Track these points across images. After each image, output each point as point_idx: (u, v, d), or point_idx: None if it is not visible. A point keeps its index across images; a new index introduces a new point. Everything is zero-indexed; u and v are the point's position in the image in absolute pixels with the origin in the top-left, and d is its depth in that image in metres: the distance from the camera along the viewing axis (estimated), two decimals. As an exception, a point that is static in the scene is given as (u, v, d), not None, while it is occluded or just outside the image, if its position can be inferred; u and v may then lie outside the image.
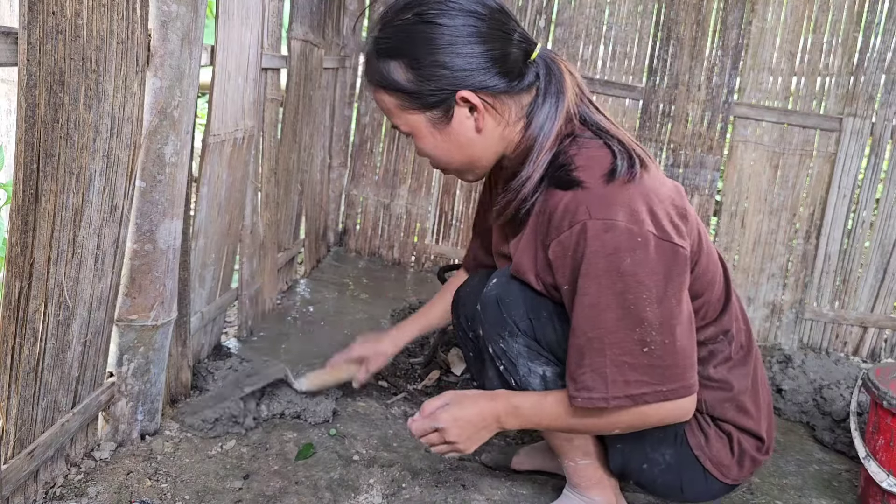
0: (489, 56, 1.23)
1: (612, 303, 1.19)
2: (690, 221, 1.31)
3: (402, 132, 1.33)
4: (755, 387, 1.45)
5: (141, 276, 1.47)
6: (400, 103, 1.27)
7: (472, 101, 1.25)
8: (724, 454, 1.41)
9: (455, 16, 1.22)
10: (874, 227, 2.93)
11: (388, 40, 1.26)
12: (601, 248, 1.17)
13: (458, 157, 1.33)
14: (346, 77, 3.22)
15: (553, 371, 1.37)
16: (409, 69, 1.24)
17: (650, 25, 2.99)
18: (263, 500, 1.47)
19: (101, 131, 1.25)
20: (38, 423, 1.25)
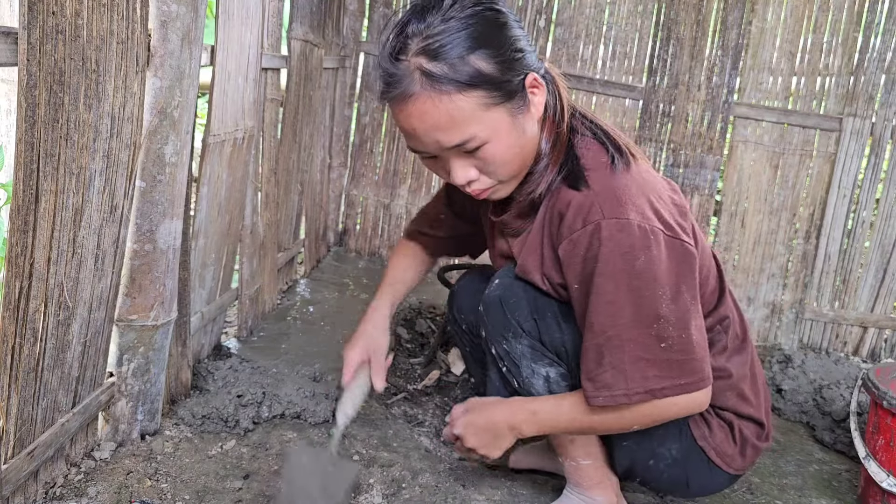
0: (526, 39, 1.23)
1: (629, 301, 1.19)
2: (689, 218, 1.32)
3: (467, 148, 1.18)
4: (752, 374, 1.47)
5: (141, 276, 1.47)
6: (485, 100, 1.15)
7: (539, 84, 1.22)
8: (727, 443, 1.42)
9: (500, 7, 1.21)
10: (874, 227, 2.93)
11: (464, 34, 1.14)
12: (616, 248, 1.18)
13: (524, 153, 1.25)
14: (346, 77, 3.22)
15: (557, 372, 1.37)
16: (491, 58, 1.15)
17: (650, 25, 2.99)
18: (263, 500, 1.47)
19: (101, 131, 1.25)
20: (38, 423, 1.25)
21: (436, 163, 1.26)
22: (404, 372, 2.22)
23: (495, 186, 1.27)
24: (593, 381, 1.25)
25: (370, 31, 3.22)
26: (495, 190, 1.28)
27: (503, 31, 1.17)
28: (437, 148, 1.19)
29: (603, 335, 1.22)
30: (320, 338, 2.37)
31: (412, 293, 2.93)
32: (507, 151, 1.21)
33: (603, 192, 1.21)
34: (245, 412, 1.73)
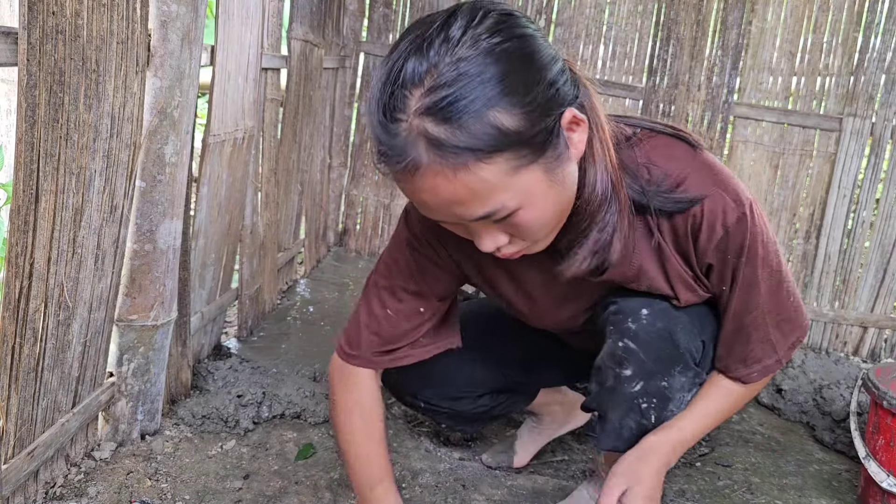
0: (554, 57, 0.95)
1: (765, 274, 1.18)
2: None
3: (496, 218, 0.93)
4: None
5: (141, 276, 1.47)
6: (513, 164, 0.89)
7: (580, 119, 0.97)
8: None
9: (527, 25, 0.93)
10: (874, 227, 2.93)
11: (475, 84, 0.85)
12: (755, 231, 1.14)
13: (562, 207, 1.00)
14: (346, 77, 3.22)
15: (696, 390, 1.31)
16: (518, 106, 0.87)
17: (650, 25, 2.99)
18: (263, 500, 1.47)
19: (101, 131, 1.25)
20: (38, 423, 1.25)
21: (457, 227, 1.01)
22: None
23: (529, 246, 1.03)
24: (744, 361, 1.25)
25: (370, 31, 3.22)
26: (529, 249, 1.04)
27: (532, 67, 0.89)
28: (457, 220, 0.95)
29: (749, 316, 1.21)
30: (320, 338, 2.37)
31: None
32: (545, 213, 0.96)
33: (716, 186, 1.12)
34: (245, 412, 1.73)
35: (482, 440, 1.89)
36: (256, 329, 2.34)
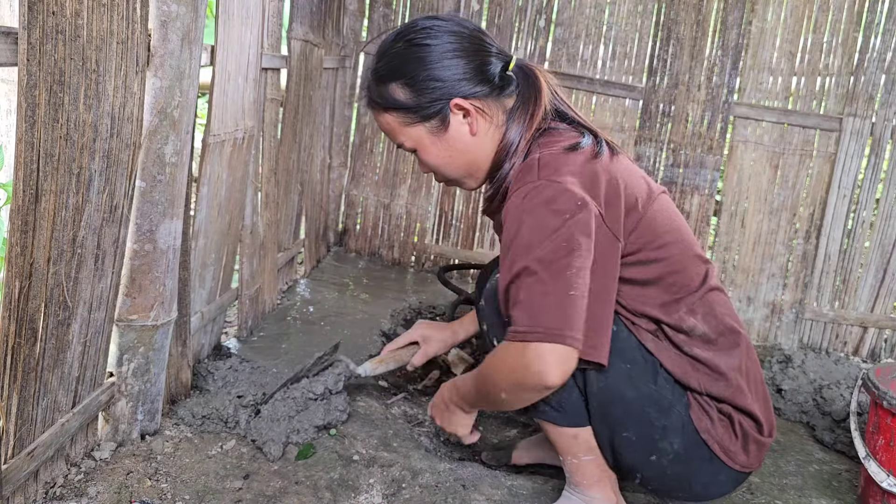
0: (472, 67, 1.40)
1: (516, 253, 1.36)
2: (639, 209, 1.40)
3: (406, 149, 1.48)
4: (747, 370, 1.46)
5: (141, 276, 1.47)
6: (402, 120, 1.43)
7: (465, 107, 1.41)
8: (728, 437, 1.42)
9: (439, 36, 1.40)
10: (874, 227, 2.93)
11: (385, 67, 1.43)
12: (520, 214, 1.33)
13: (459, 161, 1.47)
14: (346, 77, 3.22)
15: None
16: (406, 87, 1.41)
17: (650, 25, 2.99)
18: (263, 500, 1.47)
19: (101, 131, 1.25)
20: (38, 423, 1.25)
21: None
22: (404, 372, 2.22)
23: (454, 182, 1.53)
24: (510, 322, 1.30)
25: (370, 31, 3.22)
26: (460, 184, 1.53)
27: (419, 65, 1.39)
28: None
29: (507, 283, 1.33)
30: (320, 338, 2.37)
31: (413, 294, 2.94)
32: (437, 159, 1.46)
33: (530, 175, 1.35)
34: (245, 412, 1.73)
35: (481, 439, 1.90)
36: (256, 329, 2.34)
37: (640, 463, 1.44)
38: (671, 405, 1.40)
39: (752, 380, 1.46)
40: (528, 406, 1.41)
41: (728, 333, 1.44)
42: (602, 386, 1.38)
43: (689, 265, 1.44)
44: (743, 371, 1.45)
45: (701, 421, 1.41)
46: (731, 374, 1.42)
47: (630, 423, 1.39)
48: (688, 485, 1.46)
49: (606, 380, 1.38)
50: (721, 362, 1.42)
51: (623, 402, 1.38)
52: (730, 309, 1.49)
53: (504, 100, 1.45)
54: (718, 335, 1.43)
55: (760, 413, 1.45)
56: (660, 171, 3.05)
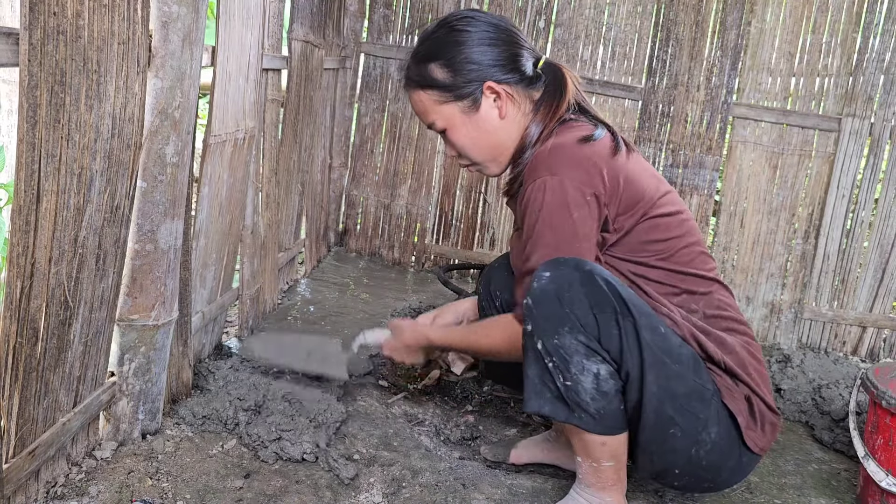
0: (506, 56, 1.53)
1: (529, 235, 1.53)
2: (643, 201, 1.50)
3: (436, 129, 1.59)
4: (752, 355, 1.52)
5: (142, 276, 1.47)
6: (437, 98, 1.55)
7: (497, 90, 1.52)
8: (751, 420, 1.47)
9: (478, 25, 1.53)
10: (873, 226, 2.94)
11: (425, 49, 1.56)
12: (535, 198, 1.48)
13: (485, 143, 1.57)
14: (347, 78, 3.23)
15: (607, 370, 1.37)
16: (444, 67, 1.53)
17: (649, 26, 3.00)
18: (264, 499, 1.48)
19: (103, 132, 1.25)
20: (40, 423, 1.26)
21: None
22: (404, 371, 2.22)
23: (479, 166, 1.62)
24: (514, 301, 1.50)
25: (370, 32, 3.23)
26: (481, 168, 1.63)
27: (458, 48, 1.52)
28: (427, 127, 1.62)
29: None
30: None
31: (413, 294, 2.94)
32: (465, 138, 1.57)
33: (541, 167, 1.45)
34: (245, 415, 1.73)
35: (481, 438, 1.90)
36: (257, 329, 2.35)
37: (681, 459, 1.44)
38: (712, 395, 1.44)
39: (761, 369, 1.54)
40: (563, 408, 1.39)
41: (732, 322, 1.54)
42: (654, 390, 1.37)
43: (696, 259, 1.54)
44: (752, 360, 1.52)
45: (733, 404, 1.45)
46: (743, 358, 1.50)
47: (679, 419, 1.40)
48: (717, 474, 1.48)
49: (660, 382, 1.37)
50: (734, 344, 1.50)
51: (674, 400, 1.39)
52: (735, 310, 1.57)
53: (532, 91, 1.56)
54: (716, 319, 1.53)
55: (768, 393, 1.51)
56: (659, 172, 3.05)
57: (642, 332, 1.36)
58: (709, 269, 1.55)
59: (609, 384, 1.37)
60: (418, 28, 3.16)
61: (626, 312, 1.35)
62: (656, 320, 1.41)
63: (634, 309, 1.36)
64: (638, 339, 1.36)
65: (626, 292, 1.38)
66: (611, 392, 1.38)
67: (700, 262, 1.54)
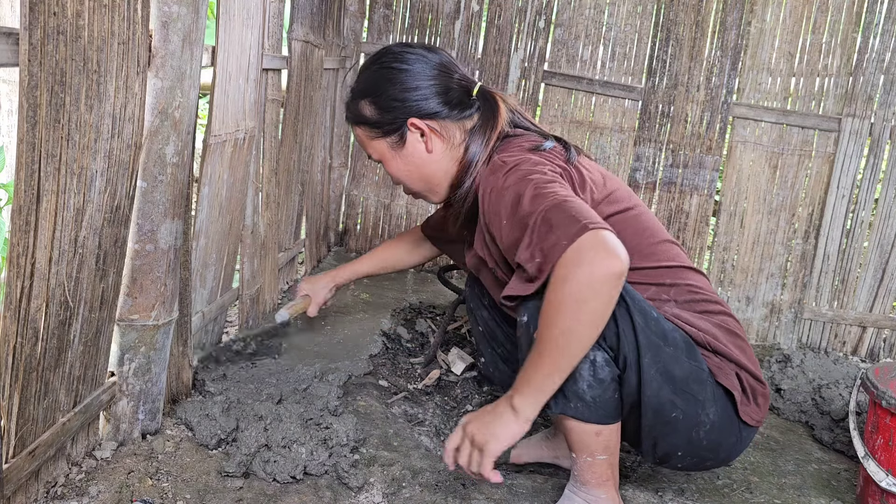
0: (433, 91, 1.57)
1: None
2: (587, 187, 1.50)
3: (374, 160, 1.67)
4: (731, 332, 1.54)
5: (142, 276, 1.47)
6: (368, 133, 1.62)
7: (420, 126, 1.57)
8: (744, 396, 1.50)
9: (408, 62, 1.58)
10: (873, 226, 2.94)
11: (358, 86, 1.64)
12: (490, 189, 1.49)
13: (417, 175, 1.63)
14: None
15: (603, 357, 1.37)
16: (371, 105, 1.60)
17: (649, 26, 3.00)
18: (264, 499, 1.48)
19: (103, 132, 1.25)
20: (40, 423, 1.26)
21: None
22: (404, 371, 2.22)
23: (419, 194, 1.68)
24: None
25: (370, 32, 3.23)
26: (423, 197, 1.69)
27: (385, 86, 1.58)
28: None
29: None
30: (321, 337, 2.37)
31: (413, 294, 2.94)
32: (397, 171, 1.64)
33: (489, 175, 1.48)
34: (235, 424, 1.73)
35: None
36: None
37: (683, 440, 1.47)
38: (707, 376, 1.46)
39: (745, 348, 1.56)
40: (558, 398, 1.35)
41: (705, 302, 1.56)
42: (653, 373, 1.38)
43: (658, 250, 1.55)
44: (734, 338, 1.54)
45: (727, 378, 1.48)
46: (725, 338, 1.52)
47: (679, 402, 1.42)
48: (717, 452, 1.52)
49: (657, 366, 1.38)
50: (710, 327, 1.52)
51: (673, 383, 1.41)
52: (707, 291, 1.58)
53: (465, 121, 1.60)
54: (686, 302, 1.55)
55: (753, 366, 1.53)
56: (659, 172, 3.06)
57: (635, 316, 1.36)
58: (672, 258, 1.55)
59: (605, 371, 1.37)
60: (418, 28, 3.16)
61: (619, 298, 1.31)
62: (647, 305, 1.42)
63: (626, 294, 1.36)
64: (632, 323, 1.35)
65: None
66: (607, 379, 1.38)
67: (662, 252, 1.55)
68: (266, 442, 1.58)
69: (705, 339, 1.48)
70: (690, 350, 1.45)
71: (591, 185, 1.52)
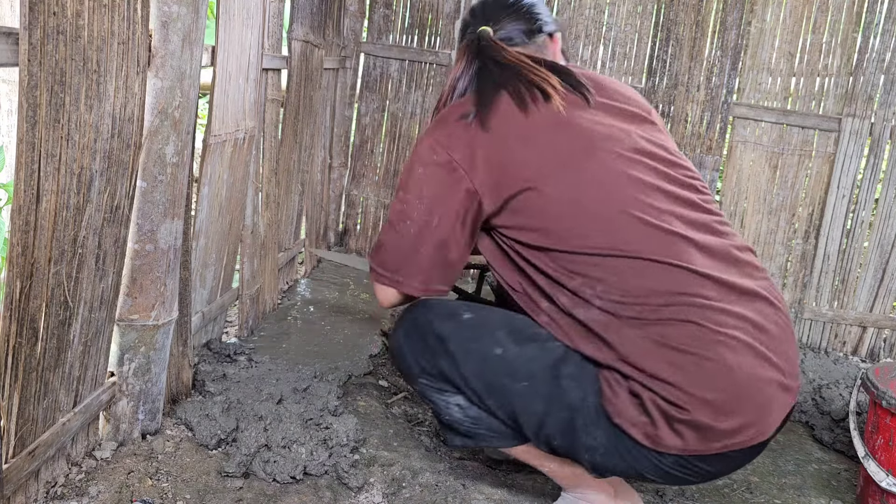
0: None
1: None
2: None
3: None
4: (668, 346, 1.28)
5: (142, 276, 1.47)
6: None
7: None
8: (645, 419, 1.30)
9: None
10: (873, 226, 2.94)
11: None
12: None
13: None
14: (347, 78, 3.23)
15: (463, 399, 1.44)
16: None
17: (650, 26, 3.00)
18: (264, 499, 1.48)
19: (102, 132, 1.25)
20: (40, 423, 1.25)
21: None
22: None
23: None
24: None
25: (370, 32, 3.23)
26: None
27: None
28: None
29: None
30: (321, 337, 2.37)
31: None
32: None
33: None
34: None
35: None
36: (257, 329, 2.35)
37: (589, 461, 1.37)
38: (583, 399, 1.33)
39: (683, 361, 1.28)
40: (450, 434, 1.49)
41: (622, 307, 1.31)
42: (510, 412, 1.39)
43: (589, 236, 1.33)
44: (660, 353, 1.28)
45: (613, 405, 1.31)
46: (635, 354, 1.30)
47: (555, 433, 1.36)
48: (637, 473, 1.36)
49: (506, 409, 1.39)
50: (615, 340, 1.31)
51: (536, 416, 1.35)
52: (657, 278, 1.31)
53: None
54: (608, 306, 1.32)
55: (683, 384, 1.27)
56: (659, 172, 3.05)
57: (464, 367, 1.38)
58: (602, 247, 1.31)
59: (473, 409, 1.43)
60: (418, 28, 3.16)
61: (442, 352, 1.40)
62: (489, 345, 1.37)
63: (453, 345, 1.39)
64: (461, 373, 1.39)
65: (443, 329, 1.40)
66: (482, 415, 1.43)
67: (613, 234, 1.31)
68: (266, 442, 1.57)
69: (596, 355, 1.33)
70: (553, 378, 1.34)
71: (485, 165, 1.35)
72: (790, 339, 1.39)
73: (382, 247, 1.44)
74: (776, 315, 1.38)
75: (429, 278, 1.40)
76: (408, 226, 1.38)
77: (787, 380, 1.34)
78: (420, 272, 1.40)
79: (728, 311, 1.31)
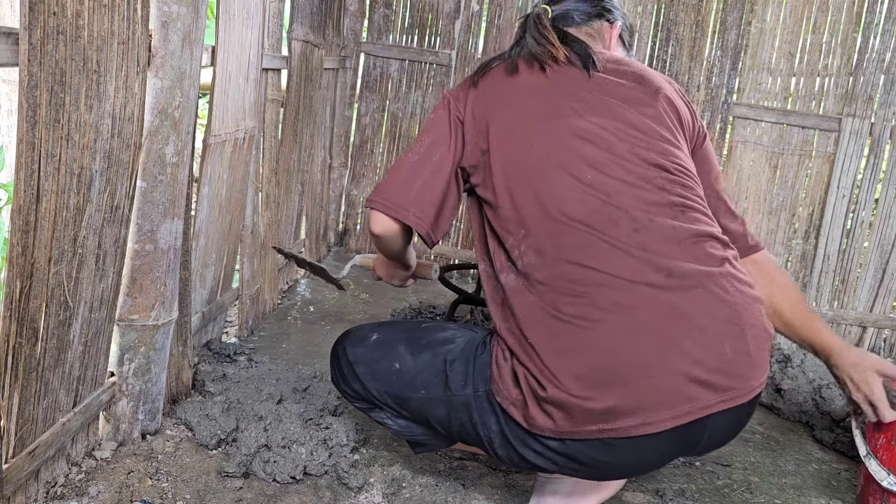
0: None
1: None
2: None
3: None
4: (549, 330, 1.26)
5: (142, 276, 1.47)
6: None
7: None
8: (518, 397, 1.29)
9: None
10: (873, 226, 2.94)
11: None
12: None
13: None
14: (347, 77, 3.23)
15: (388, 411, 1.51)
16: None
17: (650, 26, 3.00)
18: (264, 499, 1.48)
19: (102, 132, 1.25)
20: (40, 423, 1.25)
21: None
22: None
23: None
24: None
25: (370, 32, 3.23)
26: None
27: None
28: None
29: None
30: (320, 337, 2.37)
31: (413, 294, 2.94)
32: None
33: None
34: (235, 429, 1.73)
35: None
36: (257, 329, 2.35)
37: (494, 454, 1.38)
38: (475, 391, 1.35)
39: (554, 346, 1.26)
40: (425, 446, 1.53)
41: (526, 277, 1.31)
42: (424, 418, 1.44)
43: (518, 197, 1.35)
44: (541, 332, 1.27)
45: (497, 385, 1.31)
46: (520, 325, 1.29)
47: (461, 432, 1.41)
48: (527, 463, 1.34)
49: (418, 417, 1.45)
50: (519, 311, 1.30)
51: (442, 420, 1.41)
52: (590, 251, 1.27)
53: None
54: (521, 278, 1.32)
55: (550, 362, 1.24)
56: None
57: (372, 386, 1.46)
58: (532, 205, 1.31)
59: (401, 420, 1.48)
60: (418, 27, 3.16)
61: (353, 376, 1.47)
62: (390, 361, 1.44)
63: (360, 367, 1.46)
64: (372, 393, 1.46)
65: (354, 354, 1.48)
66: (410, 424, 1.48)
67: (539, 194, 1.32)
68: (266, 442, 1.57)
69: (500, 325, 1.34)
70: (443, 383, 1.38)
71: (472, 120, 1.44)
72: (735, 336, 1.26)
73: (386, 177, 1.48)
74: (715, 306, 1.26)
75: (418, 203, 1.41)
76: (409, 157, 1.45)
77: (712, 376, 1.23)
78: (411, 199, 1.42)
79: (638, 292, 1.24)
